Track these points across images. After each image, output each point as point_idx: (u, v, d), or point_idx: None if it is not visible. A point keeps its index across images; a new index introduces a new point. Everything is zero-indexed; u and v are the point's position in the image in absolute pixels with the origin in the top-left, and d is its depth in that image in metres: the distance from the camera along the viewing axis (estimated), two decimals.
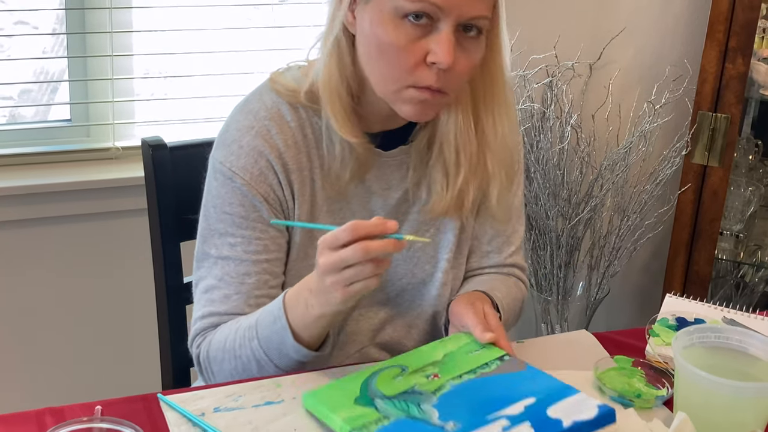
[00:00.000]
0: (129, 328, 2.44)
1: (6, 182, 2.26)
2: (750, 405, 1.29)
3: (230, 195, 1.47)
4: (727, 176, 2.60)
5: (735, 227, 2.80)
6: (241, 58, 2.44)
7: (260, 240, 1.47)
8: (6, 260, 2.33)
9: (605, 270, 2.66)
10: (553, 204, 2.57)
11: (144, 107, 2.43)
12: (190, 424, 1.30)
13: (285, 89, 1.49)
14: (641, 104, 2.62)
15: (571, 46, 2.59)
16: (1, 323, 2.37)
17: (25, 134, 2.36)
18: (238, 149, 1.46)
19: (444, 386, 1.29)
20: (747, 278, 2.88)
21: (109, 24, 2.31)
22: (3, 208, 2.27)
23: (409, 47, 1.36)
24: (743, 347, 1.36)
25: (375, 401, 1.26)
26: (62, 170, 2.34)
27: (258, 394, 1.37)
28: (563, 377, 1.46)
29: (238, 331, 1.43)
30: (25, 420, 1.28)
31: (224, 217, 1.47)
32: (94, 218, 2.37)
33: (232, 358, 1.44)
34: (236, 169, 1.46)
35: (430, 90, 1.38)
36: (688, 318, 1.61)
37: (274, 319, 1.39)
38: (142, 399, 1.35)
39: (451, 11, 1.33)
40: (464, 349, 1.39)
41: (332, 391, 1.30)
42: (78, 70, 2.34)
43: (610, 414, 1.24)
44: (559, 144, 2.54)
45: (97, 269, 2.41)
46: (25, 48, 2.30)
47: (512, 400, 1.26)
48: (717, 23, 2.50)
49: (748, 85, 2.56)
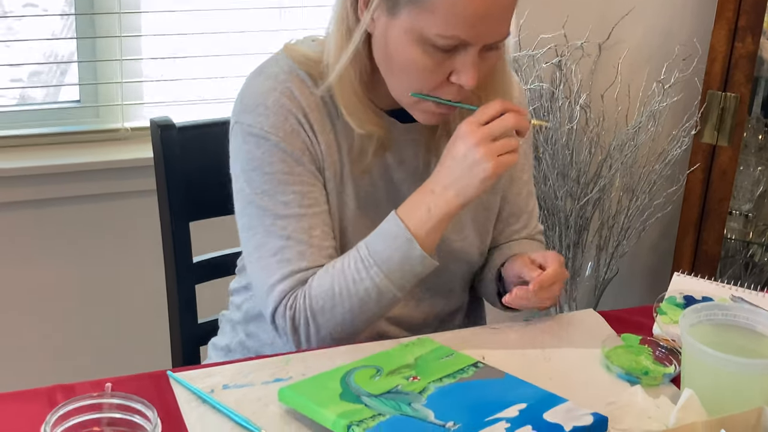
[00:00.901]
0: (139, 307, 2.45)
1: (16, 163, 2.27)
2: (757, 382, 1.29)
3: (268, 155, 1.45)
4: (736, 156, 2.60)
5: (744, 207, 2.79)
6: (249, 38, 2.44)
7: (311, 193, 1.47)
8: (17, 241, 2.34)
9: (614, 250, 2.66)
10: (562, 184, 2.57)
11: (153, 88, 2.43)
12: (199, 401, 1.30)
13: (303, 57, 1.48)
14: (650, 84, 2.61)
15: (580, 26, 2.58)
16: (12, 303, 2.38)
17: (35, 115, 2.36)
18: (264, 110, 1.45)
19: (428, 388, 1.28)
20: (756, 258, 2.88)
21: (117, 5, 2.31)
22: (14, 188, 2.28)
23: (434, 70, 1.38)
24: (750, 325, 1.36)
25: (362, 398, 1.25)
26: (72, 151, 2.34)
27: (267, 371, 1.38)
28: (572, 355, 1.47)
29: (346, 270, 1.43)
30: (36, 396, 1.28)
31: (268, 177, 1.46)
32: (103, 199, 2.38)
33: (346, 299, 1.43)
34: (268, 128, 1.45)
35: (449, 107, 1.42)
36: (695, 296, 1.61)
37: (393, 237, 1.41)
38: (152, 376, 1.35)
39: (479, 41, 1.35)
40: (434, 355, 1.38)
41: (311, 388, 1.29)
42: (87, 52, 2.34)
43: (603, 421, 1.24)
44: (568, 124, 2.53)
45: (108, 249, 2.42)
46: (35, 30, 2.30)
47: (504, 405, 1.25)
48: (727, 2, 2.49)
49: (757, 64, 2.55)
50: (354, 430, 1.19)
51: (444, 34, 1.33)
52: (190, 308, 1.78)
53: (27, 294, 2.39)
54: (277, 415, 1.28)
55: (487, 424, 1.20)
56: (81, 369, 2.40)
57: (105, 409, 0.99)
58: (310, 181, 1.47)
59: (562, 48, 2.55)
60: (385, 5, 1.37)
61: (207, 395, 1.31)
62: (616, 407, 1.32)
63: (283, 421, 1.27)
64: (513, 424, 1.20)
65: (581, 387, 1.37)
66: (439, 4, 1.32)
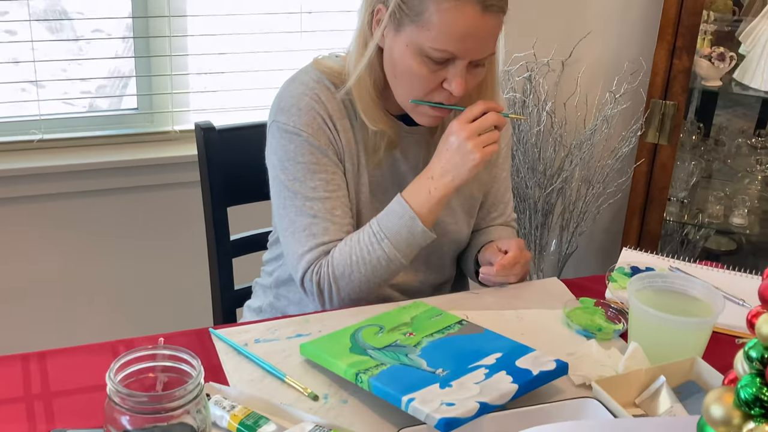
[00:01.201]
0: (186, 276, 2.45)
1: (86, 159, 2.27)
2: (690, 337, 1.30)
3: (300, 148, 1.46)
4: (674, 153, 2.59)
5: (680, 194, 2.79)
6: (275, 57, 2.43)
7: (334, 179, 1.48)
8: (88, 223, 2.34)
9: (574, 230, 2.66)
10: (532, 176, 2.56)
11: (197, 98, 2.43)
12: (235, 352, 1.31)
13: (329, 69, 1.49)
14: (604, 94, 2.61)
15: (547, 46, 2.58)
16: (83, 274, 2.39)
17: (101, 120, 2.36)
18: (297, 111, 1.46)
19: (421, 342, 1.29)
20: (690, 236, 2.88)
21: (168, 29, 2.30)
22: (84, 180, 2.28)
23: (429, 77, 1.39)
24: (685, 290, 1.37)
25: (367, 351, 1.26)
26: (131, 150, 2.34)
27: (290, 328, 1.38)
28: (539, 315, 1.47)
29: (361, 242, 1.45)
30: (102, 349, 1.29)
31: (300, 167, 1.47)
32: (157, 189, 2.38)
33: (362, 266, 1.44)
34: (300, 126, 1.46)
35: (443, 109, 1.43)
36: (640, 267, 1.61)
37: (399, 216, 1.44)
38: (197, 333, 1.36)
39: (466, 56, 1.36)
40: (426, 315, 1.39)
41: (326, 343, 1.29)
42: (143, 68, 2.34)
43: (565, 367, 1.25)
44: (536, 127, 2.53)
45: (161, 230, 2.42)
46: (101, 51, 2.30)
47: (483, 354, 1.25)
48: (667, 26, 2.48)
49: (692, 77, 2.55)
50: (361, 377, 1.19)
51: (437, 47, 1.34)
52: (227, 277, 1.78)
53: (96, 265, 2.40)
54: (298, 364, 1.29)
55: (470, 370, 1.21)
56: (139, 327, 2.42)
57: (158, 359, 0.99)
58: (333, 170, 1.48)
59: (531, 64, 2.54)
60: (393, 23, 1.38)
61: (242, 348, 1.31)
62: (575, 357, 1.32)
63: (304, 369, 1.28)
64: (491, 370, 1.21)
65: (547, 340, 1.38)
66: (435, 24, 1.33)
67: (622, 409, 1.15)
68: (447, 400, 1.12)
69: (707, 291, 1.35)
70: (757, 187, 2.80)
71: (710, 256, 2.86)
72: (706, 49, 2.64)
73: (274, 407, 1.16)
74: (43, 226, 2.31)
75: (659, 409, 1.19)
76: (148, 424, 0.94)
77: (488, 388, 1.16)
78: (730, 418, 0.75)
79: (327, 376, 1.26)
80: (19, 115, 2.26)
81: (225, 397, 1.17)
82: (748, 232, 2.75)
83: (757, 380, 0.74)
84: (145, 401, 0.92)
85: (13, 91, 2.24)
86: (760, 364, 0.74)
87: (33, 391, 1.20)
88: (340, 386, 1.24)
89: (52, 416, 1.15)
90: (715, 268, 1.65)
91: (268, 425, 1.12)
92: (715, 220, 2.74)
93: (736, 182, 2.84)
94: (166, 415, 0.93)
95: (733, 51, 2.63)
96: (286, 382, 1.24)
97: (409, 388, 1.15)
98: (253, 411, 1.14)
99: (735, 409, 0.75)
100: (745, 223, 2.71)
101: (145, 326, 2.41)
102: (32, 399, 1.18)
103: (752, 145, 2.89)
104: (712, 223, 2.75)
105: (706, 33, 2.66)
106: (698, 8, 2.44)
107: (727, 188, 2.82)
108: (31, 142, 2.26)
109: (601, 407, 1.16)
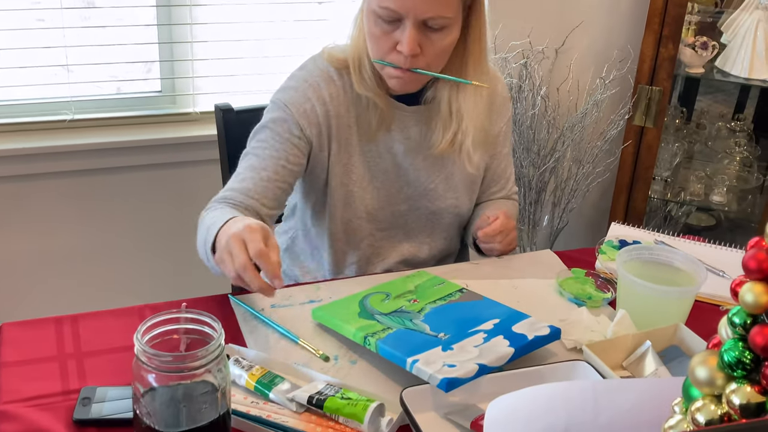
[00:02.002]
0: None
1: (113, 138, 2.26)
2: (674, 304, 1.29)
3: (278, 118, 1.46)
4: (659, 135, 2.58)
5: (664, 174, 2.78)
6: (286, 44, 2.42)
7: (284, 151, 1.45)
8: (115, 196, 2.34)
9: (565, 206, 2.65)
10: (526, 156, 2.55)
11: (216, 81, 2.41)
12: (252, 316, 1.31)
13: (333, 58, 1.49)
14: (595, 80, 2.59)
15: (542, 35, 2.56)
16: (110, 243, 2.39)
17: (128, 102, 2.35)
18: (293, 92, 1.47)
19: (424, 308, 1.29)
20: (672, 213, 2.87)
21: (189, 17, 2.29)
22: (111, 157, 2.28)
23: (383, 37, 1.37)
24: (670, 261, 1.36)
25: (375, 316, 1.26)
26: (155, 129, 2.33)
27: (303, 295, 1.38)
28: (533, 284, 1.47)
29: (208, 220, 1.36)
30: (130, 313, 1.29)
31: (267, 131, 1.47)
32: (179, 166, 2.37)
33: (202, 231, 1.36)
34: (288, 102, 1.46)
35: (402, 69, 1.38)
36: (628, 240, 1.60)
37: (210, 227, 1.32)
38: (217, 298, 1.36)
39: (408, 13, 1.33)
40: (430, 283, 1.38)
41: (336, 309, 1.29)
42: (166, 54, 2.32)
43: (557, 332, 1.25)
44: (531, 110, 2.51)
45: (182, 204, 2.42)
46: (127, 37, 2.29)
47: (482, 320, 1.25)
48: (654, 17, 2.46)
49: (676, 65, 2.53)
50: (369, 339, 1.19)
51: (381, 5, 1.33)
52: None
53: (122, 236, 2.39)
54: (310, 328, 1.29)
55: (470, 335, 1.20)
56: (162, 293, 2.42)
57: (182, 322, 0.99)
58: (289, 147, 1.45)
59: (527, 52, 2.52)
60: None
61: (258, 313, 1.31)
62: (567, 323, 1.32)
63: (316, 333, 1.28)
64: (489, 335, 1.21)
65: (541, 308, 1.38)
66: None
67: (610, 371, 1.15)
68: (448, 362, 1.12)
69: (690, 262, 1.34)
70: (735, 168, 2.79)
71: (691, 231, 2.85)
72: (690, 38, 2.61)
73: (289, 367, 1.16)
74: (74, 200, 2.31)
75: (645, 372, 1.19)
76: (173, 382, 0.94)
77: (487, 351, 1.16)
78: (714, 379, 0.75)
79: (337, 339, 1.26)
80: (52, 96, 2.25)
81: (243, 358, 1.17)
82: (726, 209, 2.74)
83: (740, 344, 0.73)
84: (170, 361, 0.92)
85: (46, 75, 2.23)
86: (742, 329, 0.73)
87: (66, 351, 1.20)
88: (349, 348, 1.24)
89: (83, 374, 1.15)
90: (697, 241, 1.65)
91: (283, 383, 1.12)
92: (696, 197, 2.73)
93: (715, 163, 2.83)
94: (189, 374, 0.93)
95: (715, 40, 2.61)
96: (299, 344, 1.24)
97: (414, 350, 1.15)
98: (269, 370, 1.15)
99: (719, 371, 0.74)
100: (723, 200, 2.71)
101: (168, 292, 2.41)
102: (65, 358, 1.18)
103: (731, 129, 2.88)
104: (693, 201, 2.75)
105: (691, 23, 2.63)
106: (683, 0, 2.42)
107: (708, 168, 2.81)
108: (62, 121, 2.25)
109: (591, 369, 1.16)
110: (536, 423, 0.94)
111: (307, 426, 1.07)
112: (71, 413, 1.07)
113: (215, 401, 0.95)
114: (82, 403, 1.08)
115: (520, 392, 0.98)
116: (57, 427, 1.05)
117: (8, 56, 2.17)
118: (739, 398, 0.72)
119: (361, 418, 1.05)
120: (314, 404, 1.08)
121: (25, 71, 2.21)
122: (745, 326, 0.73)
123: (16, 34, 2.16)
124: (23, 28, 2.15)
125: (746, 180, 2.78)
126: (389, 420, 1.07)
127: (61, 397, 1.10)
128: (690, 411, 0.76)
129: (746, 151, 2.81)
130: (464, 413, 1.10)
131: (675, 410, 0.81)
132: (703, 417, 0.75)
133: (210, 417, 0.95)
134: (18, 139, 2.20)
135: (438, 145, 1.50)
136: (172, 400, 0.95)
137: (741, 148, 2.81)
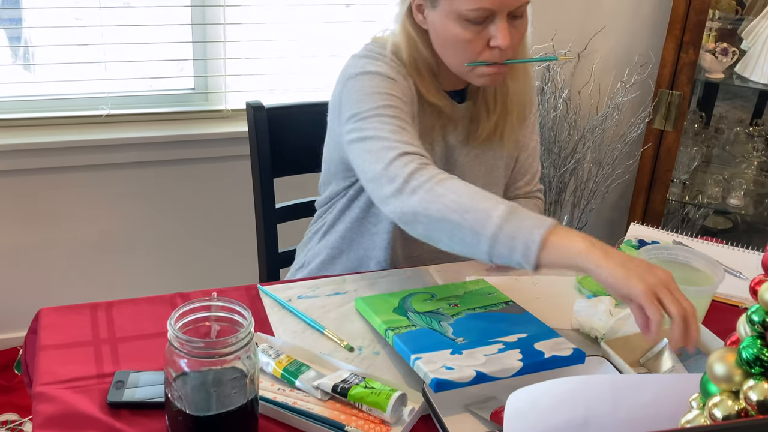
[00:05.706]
0: (236, 239, 2.47)
1: (147, 133, 2.28)
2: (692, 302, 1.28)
3: (385, 84, 1.34)
4: (678, 139, 2.56)
5: (683, 177, 2.76)
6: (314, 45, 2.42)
7: (406, 115, 1.35)
8: (149, 189, 2.36)
9: (585, 207, 2.64)
10: (547, 157, 2.54)
11: (247, 80, 2.42)
12: (280, 306, 1.31)
13: (389, 45, 1.41)
14: (616, 83, 2.57)
15: (565, 39, 2.54)
16: (145, 234, 2.41)
17: (162, 98, 2.37)
18: (382, 64, 1.36)
19: (460, 313, 1.25)
20: (690, 215, 2.85)
21: (222, 17, 2.30)
22: (146, 152, 2.29)
23: (476, 39, 1.32)
24: (688, 261, 1.35)
25: (408, 313, 1.24)
26: (188, 125, 2.35)
27: (329, 287, 1.38)
28: (553, 281, 1.46)
29: (471, 209, 1.14)
30: (162, 301, 1.30)
31: (383, 96, 1.33)
32: (211, 161, 2.38)
33: (448, 223, 1.15)
34: (386, 72, 1.35)
35: (497, 65, 1.35)
36: (647, 240, 1.59)
37: (528, 229, 1.10)
38: (246, 288, 1.36)
39: (503, 8, 1.29)
40: (481, 291, 1.34)
41: (378, 301, 1.29)
42: (199, 52, 2.34)
43: (581, 356, 1.15)
44: (553, 112, 2.50)
45: (215, 198, 2.43)
46: (162, 36, 2.30)
47: (509, 333, 1.20)
48: (675, 23, 2.44)
49: (697, 70, 2.50)
50: (389, 333, 1.19)
51: (473, 8, 1.28)
52: (273, 240, 1.78)
53: (156, 228, 2.41)
54: (335, 318, 1.29)
55: (487, 344, 1.17)
56: (195, 282, 2.44)
57: (213, 309, 0.99)
58: (406, 110, 1.35)
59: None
60: (429, 3, 1.34)
61: (286, 303, 1.31)
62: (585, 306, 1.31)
63: (341, 323, 1.28)
64: (507, 347, 1.16)
65: (559, 304, 1.37)
66: None
67: (628, 366, 1.14)
68: (449, 365, 1.10)
69: (708, 262, 1.33)
70: (752, 172, 2.77)
71: (708, 233, 2.83)
72: (711, 45, 2.59)
73: (314, 356, 1.17)
74: (109, 191, 2.33)
75: (662, 368, 1.18)
76: (204, 367, 0.95)
77: (494, 361, 1.12)
78: (731, 375, 0.74)
79: (361, 330, 1.26)
80: (90, 92, 2.27)
81: (271, 346, 1.17)
82: (743, 213, 2.72)
83: (758, 342, 0.72)
84: (202, 346, 0.93)
85: (85, 71, 2.25)
86: (761, 327, 0.72)
87: (101, 337, 1.21)
88: (373, 339, 1.24)
89: (117, 359, 1.16)
90: (715, 243, 1.63)
91: (309, 372, 1.12)
92: (713, 200, 2.71)
93: (733, 167, 2.80)
94: (219, 359, 0.94)
95: (735, 47, 2.59)
96: (325, 335, 1.24)
97: (422, 348, 1.14)
98: (296, 359, 1.15)
99: (737, 368, 0.74)
100: (740, 204, 2.68)
101: (199, 282, 2.42)
102: (100, 343, 1.19)
103: (749, 134, 2.86)
104: (710, 204, 2.72)
105: (711, 30, 2.61)
106: (705, 6, 2.39)
107: (725, 172, 2.79)
108: (99, 116, 2.27)
109: (609, 365, 1.15)
110: (556, 415, 0.93)
111: (332, 413, 1.07)
112: (105, 396, 1.08)
113: (244, 387, 0.96)
114: (116, 386, 1.09)
115: (540, 385, 0.98)
116: (92, 409, 1.05)
117: (49, 53, 2.19)
118: (757, 394, 0.72)
119: (384, 406, 1.05)
120: (339, 392, 1.08)
121: (64, 68, 2.23)
122: (764, 324, 0.72)
123: (57, 32, 2.18)
124: (64, 26, 2.18)
125: (763, 184, 2.75)
126: (411, 409, 1.07)
127: (96, 380, 1.11)
128: (707, 406, 0.75)
129: (764, 156, 2.78)
130: (485, 405, 1.09)
131: (692, 405, 0.80)
132: (720, 412, 0.74)
133: (239, 402, 0.96)
134: (57, 132, 2.23)
135: (482, 134, 1.48)
136: (202, 385, 0.96)
137: (759, 153, 2.79)
